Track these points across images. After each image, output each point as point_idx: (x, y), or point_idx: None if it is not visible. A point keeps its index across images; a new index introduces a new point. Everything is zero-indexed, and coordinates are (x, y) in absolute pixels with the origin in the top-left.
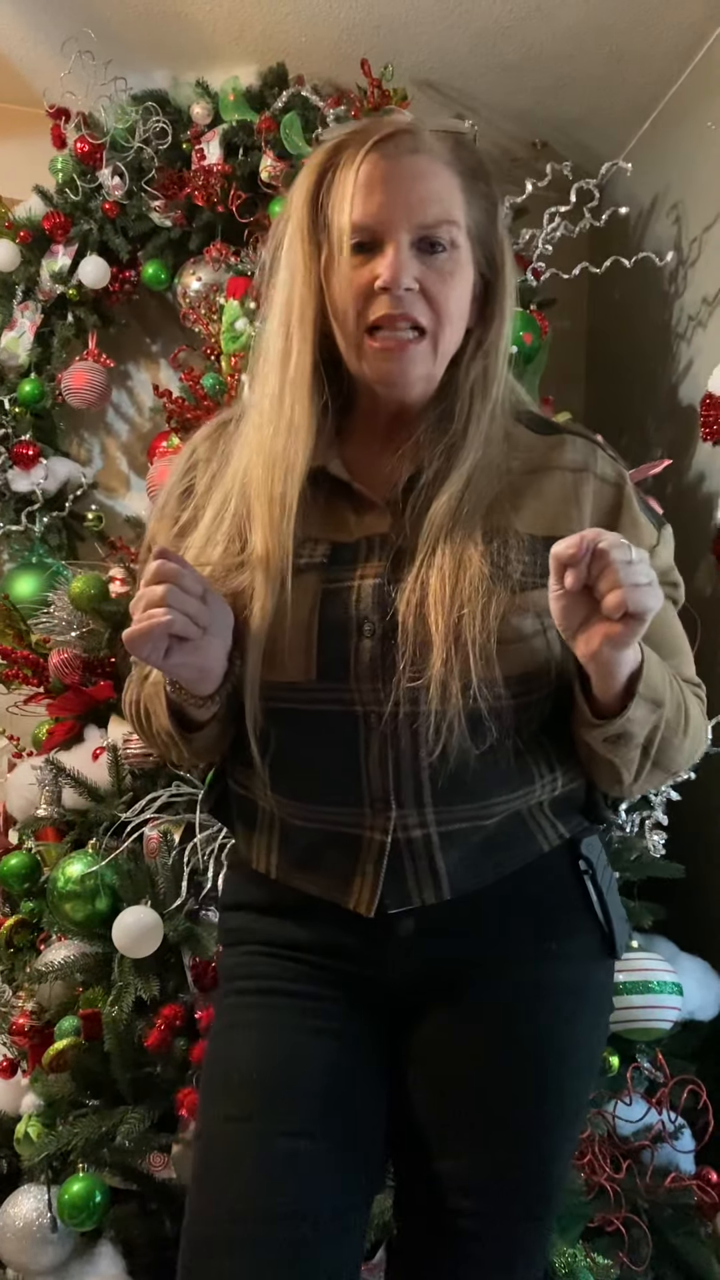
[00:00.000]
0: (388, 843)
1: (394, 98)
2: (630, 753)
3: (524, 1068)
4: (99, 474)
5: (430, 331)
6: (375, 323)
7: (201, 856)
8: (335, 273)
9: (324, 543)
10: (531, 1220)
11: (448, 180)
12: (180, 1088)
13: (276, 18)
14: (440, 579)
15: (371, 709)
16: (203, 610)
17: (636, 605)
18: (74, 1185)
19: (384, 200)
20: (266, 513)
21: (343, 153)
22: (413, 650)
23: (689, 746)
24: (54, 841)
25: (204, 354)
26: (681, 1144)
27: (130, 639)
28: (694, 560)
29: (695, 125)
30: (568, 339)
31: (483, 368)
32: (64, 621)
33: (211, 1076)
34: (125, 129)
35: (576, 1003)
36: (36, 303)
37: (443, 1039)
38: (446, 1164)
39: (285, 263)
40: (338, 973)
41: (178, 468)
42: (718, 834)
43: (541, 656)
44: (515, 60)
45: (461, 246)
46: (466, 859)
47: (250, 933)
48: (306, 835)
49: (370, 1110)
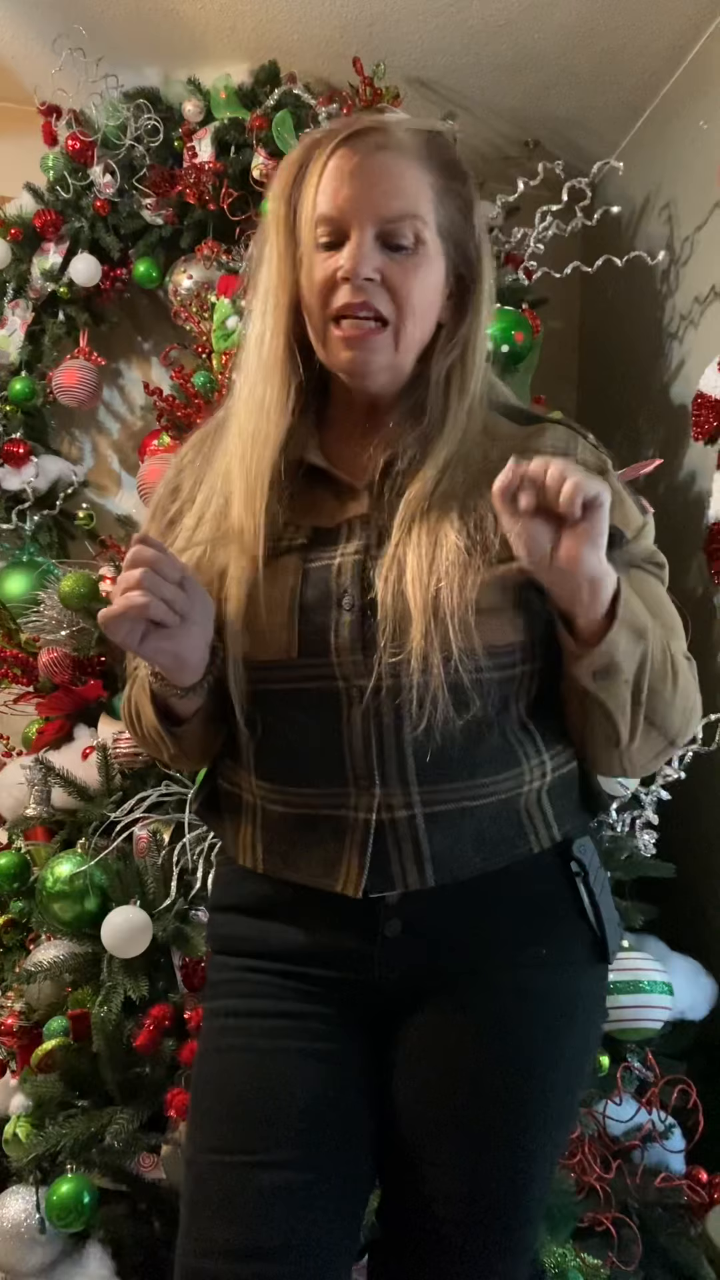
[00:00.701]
0: (373, 821)
1: (386, 96)
2: (620, 692)
3: (507, 1079)
4: (90, 472)
5: (392, 322)
6: (338, 312)
7: (191, 856)
8: (305, 264)
9: (305, 527)
10: (512, 1230)
11: (415, 176)
12: (169, 1088)
13: (268, 15)
14: (417, 555)
15: (354, 684)
16: (180, 596)
17: (589, 490)
18: (62, 1186)
19: (348, 194)
20: (242, 486)
21: (315, 149)
22: (393, 625)
23: (680, 703)
24: (43, 841)
25: (195, 352)
26: (671, 1144)
27: (105, 620)
28: (685, 559)
29: (687, 124)
30: (560, 338)
31: (456, 362)
32: (54, 620)
33: (199, 1104)
34: (117, 126)
35: (565, 1011)
36: (27, 300)
37: (428, 1048)
38: (428, 1171)
39: (265, 256)
40: (325, 983)
41: (169, 470)
42: (708, 833)
43: (522, 627)
44: (507, 59)
45: (428, 242)
46: (452, 844)
47: (237, 941)
48: (292, 822)
49: (358, 1131)
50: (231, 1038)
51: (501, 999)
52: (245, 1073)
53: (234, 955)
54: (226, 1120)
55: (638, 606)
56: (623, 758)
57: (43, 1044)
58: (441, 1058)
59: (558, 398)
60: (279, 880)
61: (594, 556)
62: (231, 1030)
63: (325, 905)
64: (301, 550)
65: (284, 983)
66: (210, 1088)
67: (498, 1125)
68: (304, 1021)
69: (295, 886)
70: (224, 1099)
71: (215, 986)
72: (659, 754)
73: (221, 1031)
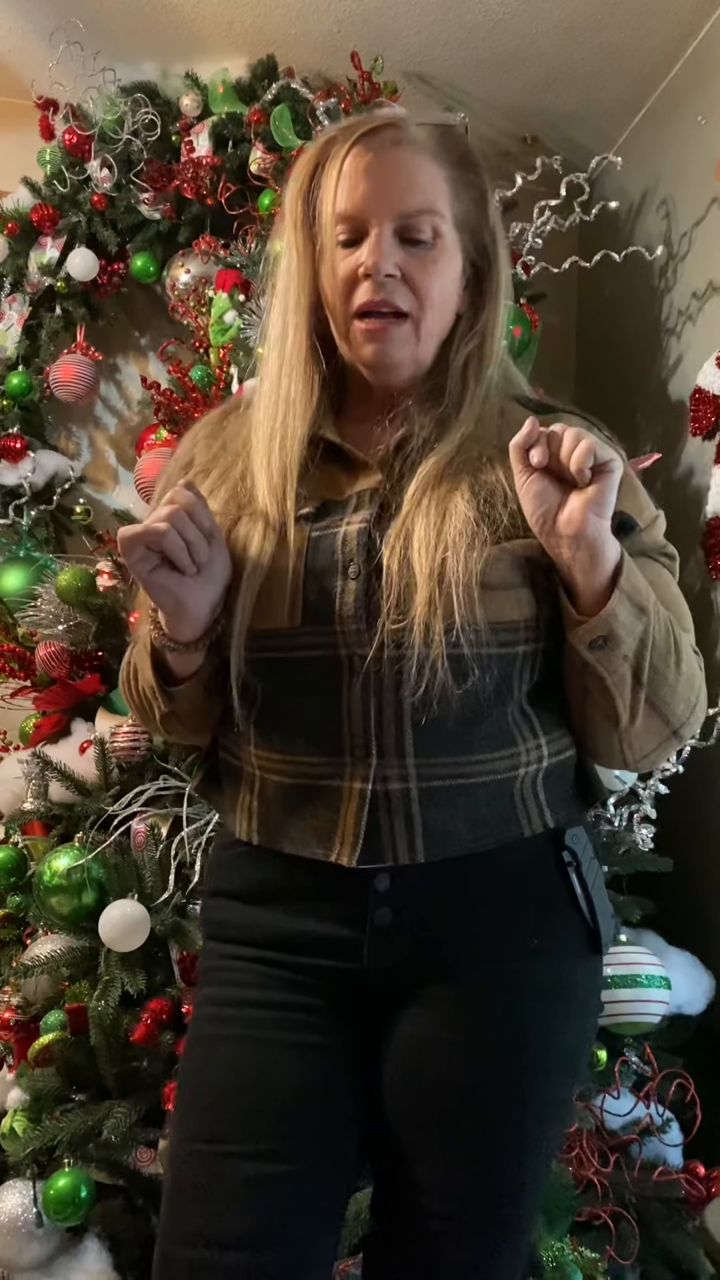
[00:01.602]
0: (368, 791)
1: (384, 90)
2: (620, 667)
3: (497, 1070)
4: (87, 467)
5: (413, 316)
6: (360, 308)
7: (189, 850)
8: (325, 262)
9: (315, 499)
10: (505, 1224)
11: (431, 171)
12: (167, 1082)
13: (266, 9)
14: (425, 524)
15: (355, 652)
16: (202, 544)
17: (601, 454)
18: (59, 1180)
19: (366, 191)
20: (267, 480)
21: (331, 147)
22: (397, 593)
23: (684, 689)
24: (41, 835)
25: (193, 347)
26: (669, 1138)
27: (123, 538)
28: (683, 554)
29: (685, 120)
30: (558, 333)
31: (475, 349)
32: (51, 615)
33: (183, 1092)
34: (114, 121)
35: (556, 1002)
36: (24, 295)
37: (418, 1039)
38: (419, 1165)
39: (284, 254)
40: (314, 972)
41: (182, 447)
42: (706, 828)
43: (527, 605)
44: (505, 54)
45: (445, 235)
46: (445, 820)
47: (230, 927)
48: (289, 792)
49: (344, 1123)
50: (217, 1027)
51: (493, 989)
52: (229, 1063)
53: (224, 942)
54: (209, 1110)
55: (640, 583)
56: (622, 742)
57: (40, 1038)
58: (433, 1049)
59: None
60: (272, 863)
61: (597, 521)
62: (217, 1019)
63: (315, 891)
64: (308, 520)
65: (272, 971)
66: (194, 1077)
67: (491, 1118)
68: (290, 1012)
69: (288, 870)
70: (207, 1089)
71: (205, 974)
72: (662, 744)
73: (208, 1020)
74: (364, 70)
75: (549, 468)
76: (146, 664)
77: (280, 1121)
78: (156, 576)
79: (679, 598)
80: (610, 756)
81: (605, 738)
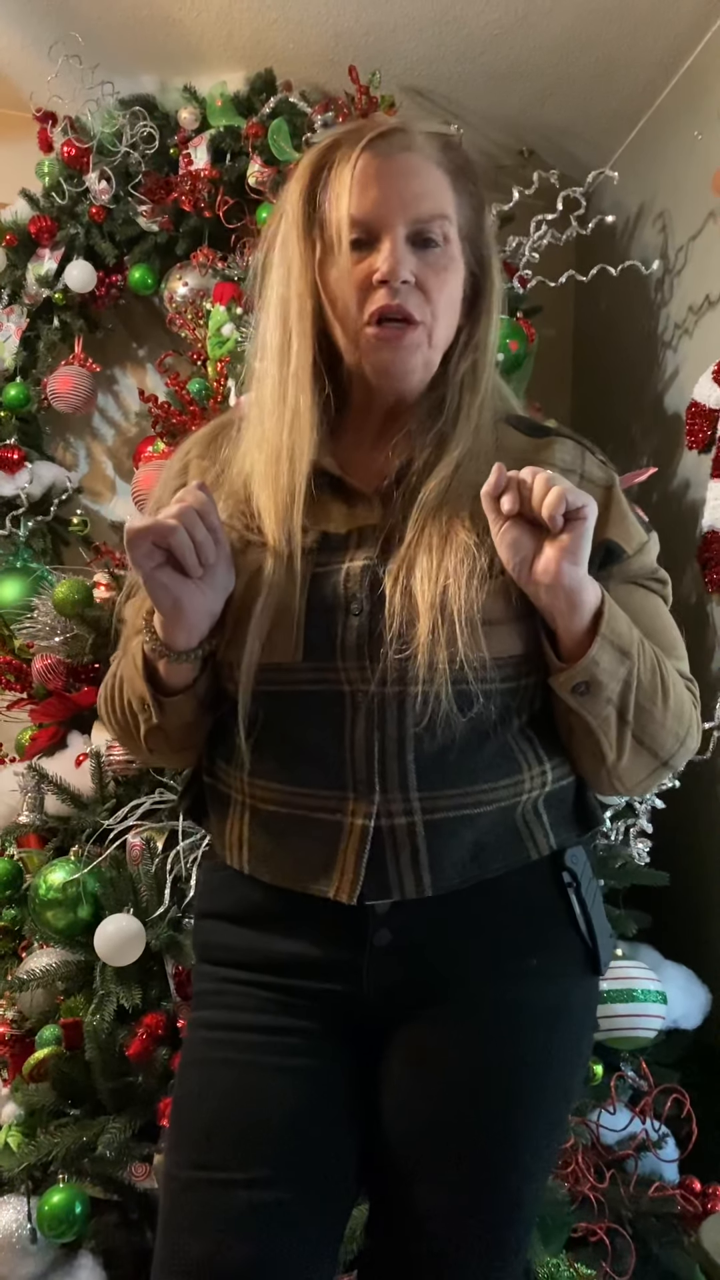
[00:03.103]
0: (370, 828)
1: (381, 104)
2: (602, 710)
3: (497, 1091)
4: (84, 479)
5: (426, 324)
6: (376, 314)
7: (184, 864)
8: (332, 268)
9: (314, 531)
10: (504, 1242)
11: (439, 178)
12: (162, 1097)
13: (264, 23)
14: (427, 554)
15: (358, 688)
16: (209, 546)
17: (573, 500)
18: (54, 1196)
19: (379, 195)
20: (273, 502)
21: (337, 151)
22: (400, 624)
23: (672, 724)
24: (36, 848)
25: (190, 359)
26: (665, 1153)
27: (130, 532)
28: (679, 567)
29: (681, 135)
30: (554, 347)
31: (472, 362)
32: (48, 627)
33: (178, 1118)
34: (112, 133)
35: (554, 1023)
36: (22, 306)
37: (416, 1060)
38: (417, 1186)
39: (280, 260)
40: (310, 995)
41: (171, 464)
42: (702, 842)
43: (527, 638)
44: (502, 69)
45: (453, 241)
46: (451, 852)
47: (221, 950)
48: (283, 823)
49: (340, 1147)
50: (211, 1050)
51: (491, 1010)
52: (223, 1088)
53: (217, 964)
54: (203, 1136)
55: (623, 626)
56: (611, 776)
57: (35, 1053)
58: (430, 1070)
59: (552, 406)
60: (266, 885)
61: (572, 570)
62: (212, 1043)
63: (313, 913)
64: (310, 554)
65: (267, 995)
66: (188, 1104)
67: (488, 1138)
68: (286, 1036)
69: (282, 892)
70: (201, 1114)
71: (199, 996)
72: (652, 774)
73: (202, 1044)
74: (362, 84)
75: (523, 513)
76: (136, 675)
77: (276, 1148)
78: (160, 574)
79: (669, 626)
80: (600, 786)
81: (593, 772)
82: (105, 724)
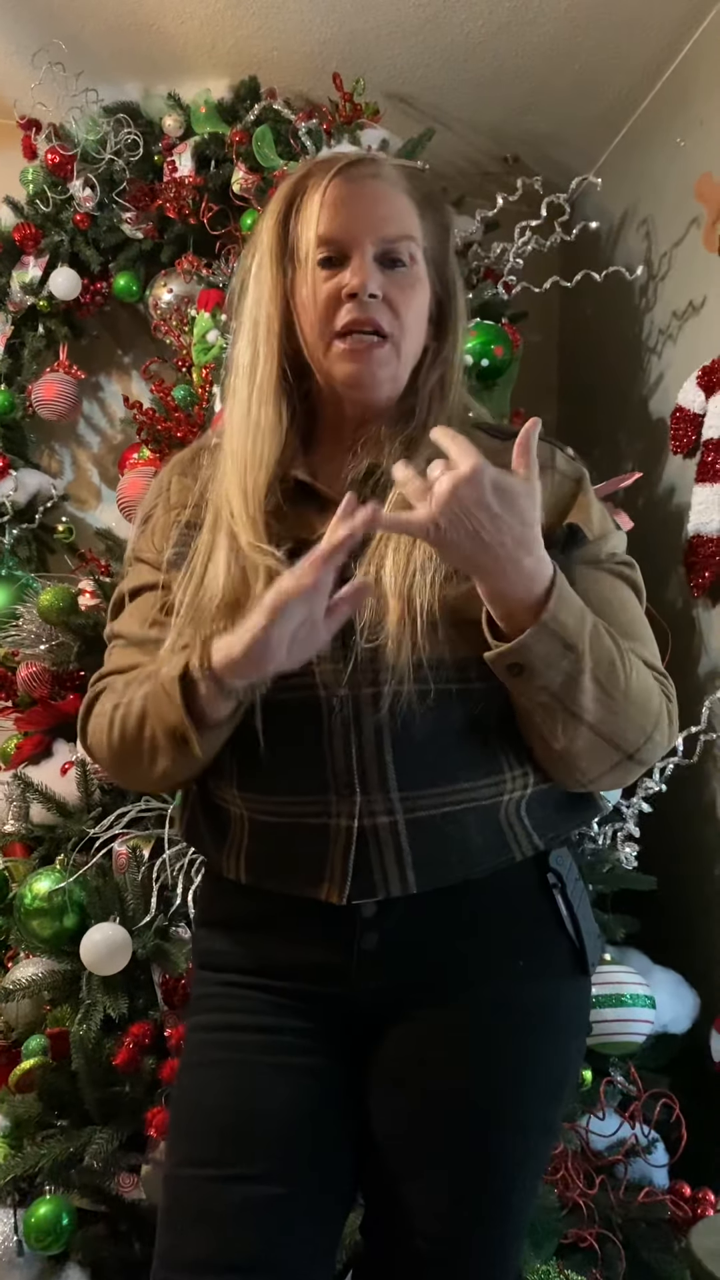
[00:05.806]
0: (354, 828)
1: (365, 111)
2: (538, 696)
3: (485, 1092)
4: (69, 486)
5: (393, 337)
6: (344, 327)
7: (171, 872)
8: (302, 286)
9: (288, 539)
10: (496, 1246)
11: (405, 204)
12: (149, 1107)
13: (248, 31)
14: (395, 549)
15: (334, 693)
16: (320, 603)
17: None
18: (41, 1208)
19: (349, 216)
20: (241, 506)
21: (309, 179)
22: (370, 615)
23: (636, 716)
24: (22, 857)
25: (175, 366)
26: (655, 1158)
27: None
28: (664, 572)
29: (665, 141)
30: (539, 352)
31: (440, 375)
32: (33, 634)
33: (178, 1116)
34: (96, 140)
35: (543, 1024)
36: (6, 314)
37: (406, 1062)
38: (407, 1187)
39: (254, 284)
40: (303, 997)
41: (155, 483)
42: (689, 846)
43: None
44: (486, 76)
45: (419, 263)
46: (435, 850)
47: (220, 957)
48: (275, 831)
49: (337, 1145)
50: (209, 1052)
51: (480, 1012)
52: (221, 1087)
53: (215, 970)
54: (201, 1134)
55: (572, 619)
56: (569, 766)
57: (21, 1063)
58: (420, 1072)
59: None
60: (261, 893)
61: (445, 551)
62: (209, 1045)
63: (303, 918)
64: (284, 562)
65: (263, 997)
66: (187, 1103)
67: (479, 1140)
68: (281, 1035)
69: (276, 899)
70: (199, 1113)
71: (197, 1001)
72: (615, 767)
73: (200, 1046)
74: (346, 91)
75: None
76: (172, 708)
77: (272, 1144)
78: (296, 603)
79: (638, 619)
80: (558, 775)
81: (547, 760)
82: (100, 755)
